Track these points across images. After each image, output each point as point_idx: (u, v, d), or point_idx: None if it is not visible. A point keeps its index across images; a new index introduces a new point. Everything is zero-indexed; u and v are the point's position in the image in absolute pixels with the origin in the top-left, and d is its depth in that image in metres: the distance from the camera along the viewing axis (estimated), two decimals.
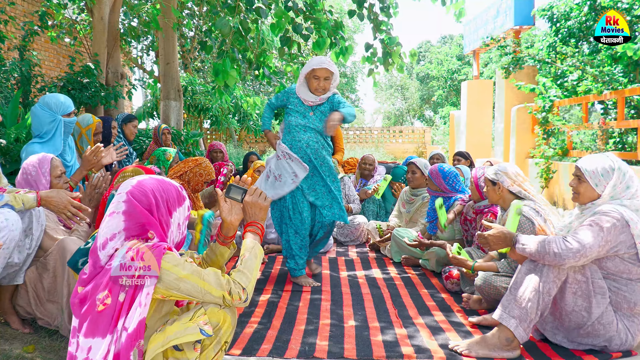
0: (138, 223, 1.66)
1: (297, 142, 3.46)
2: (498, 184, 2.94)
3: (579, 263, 2.22)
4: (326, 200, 3.54)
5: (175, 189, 1.77)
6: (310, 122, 3.46)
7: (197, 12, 10.96)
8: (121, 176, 2.74)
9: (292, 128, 3.48)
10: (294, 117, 3.48)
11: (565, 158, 7.67)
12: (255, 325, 2.72)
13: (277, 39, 6.20)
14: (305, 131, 3.46)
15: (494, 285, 2.76)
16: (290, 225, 3.54)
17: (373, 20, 5.87)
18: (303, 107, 3.48)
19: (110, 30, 6.60)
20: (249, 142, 17.97)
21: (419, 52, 28.19)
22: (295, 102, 3.50)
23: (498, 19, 10.68)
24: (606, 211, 2.26)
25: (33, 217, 2.39)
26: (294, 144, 3.46)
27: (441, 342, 2.51)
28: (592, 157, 2.43)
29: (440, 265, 3.75)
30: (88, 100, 5.67)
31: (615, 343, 2.32)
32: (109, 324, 1.57)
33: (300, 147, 3.45)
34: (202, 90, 11.58)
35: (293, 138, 3.47)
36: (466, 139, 11.74)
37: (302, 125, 3.46)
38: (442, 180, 3.87)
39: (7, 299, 2.50)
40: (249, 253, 1.79)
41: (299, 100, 3.49)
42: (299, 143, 3.45)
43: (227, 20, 4.80)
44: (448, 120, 17.59)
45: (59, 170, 2.71)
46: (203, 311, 1.66)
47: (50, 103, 3.30)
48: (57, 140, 3.31)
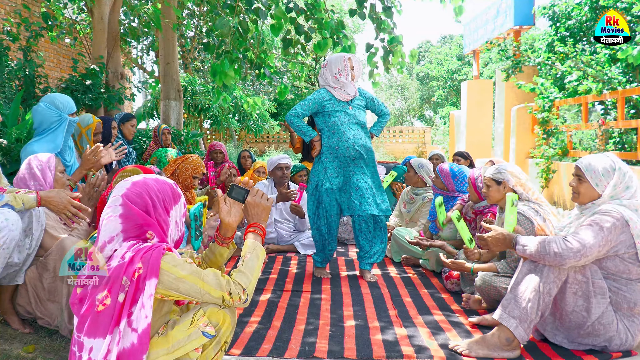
0: (135, 225, 1.66)
1: (344, 142, 3.50)
2: (503, 182, 2.93)
3: (579, 263, 2.22)
4: (369, 193, 3.54)
5: (170, 187, 1.77)
6: (353, 117, 3.54)
7: (197, 12, 10.97)
8: (120, 175, 2.74)
9: (337, 128, 3.52)
10: (337, 116, 3.53)
11: (565, 158, 7.67)
12: (255, 325, 2.72)
13: (278, 39, 6.20)
14: (351, 128, 3.52)
15: (493, 285, 2.76)
16: (316, 221, 3.67)
17: (375, 20, 5.86)
18: (341, 104, 3.55)
19: (110, 30, 6.60)
20: (249, 142, 17.98)
21: (419, 52, 28.18)
22: (331, 103, 3.55)
23: (498, 19, 10.67)
24: (606, 211, 2.26)
25: (33, 217, 2.39)
26: (341, 145, 3.51)
27: (441, 342, 2.51)
28: (593, 157, 2.42)
29: (440, 265, 3.75)
30: (91, 102, 5.69)
31: (615, 343, 2.32)
32: (108, 324, 1.57)
33: (347, 146, 3.50)
34: (202, 90, 11.58)
35: (339, 139, 3.51)
36: (466, 139, 11.73)
37: (347, 122, 3.52)
38: (451, 180, 3.87)
39: (7, 299, 2.50)
40: (250, 254, 1.79)
41: (334, 100, 3.55)
42: (346, 143, 3.50)
43: (227, 20, 4.80)
44: (448, 120, 17.59)
45: (61, 165, 2.73)
46: (202, 312, 1.66)
47: (57, 102, 3.30)
48: (58, 138, 3.31)
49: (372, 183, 3.60)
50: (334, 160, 3.57)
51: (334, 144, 3.53)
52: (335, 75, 3.53)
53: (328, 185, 3.56)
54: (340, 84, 3.54)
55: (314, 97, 3.58)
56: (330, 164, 3.57)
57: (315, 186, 3.64)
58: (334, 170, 3.57)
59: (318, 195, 3.64)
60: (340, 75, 3.52)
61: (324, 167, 3.59)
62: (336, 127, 3.52)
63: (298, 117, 3.58)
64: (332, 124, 3.53)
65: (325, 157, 3.59)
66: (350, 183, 3.55)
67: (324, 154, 3.60)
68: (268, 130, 14.49)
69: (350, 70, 3.54)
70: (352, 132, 3.51)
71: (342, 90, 3.56)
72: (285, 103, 20.52)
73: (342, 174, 3.58)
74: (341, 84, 3.54)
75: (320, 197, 3.62)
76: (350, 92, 3.56)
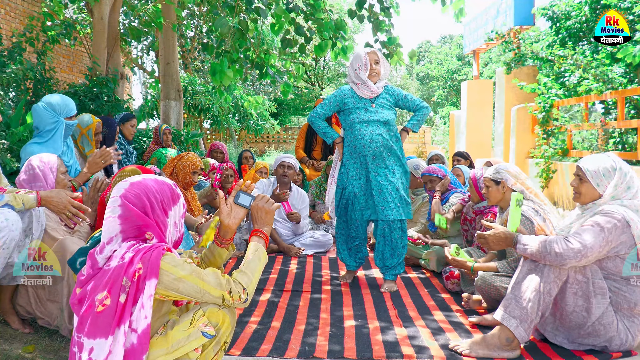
0: (134, 225, 1.66)
1: (360, 139, 3.38)
2: (502, 182, 2.93)
3: (580, 263, 2.22)
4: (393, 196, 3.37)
5: (169, 188, 1.77)
6: (374, 115, 3.38)
7: (197, 12, 10.96)
8: (119, 176, 2.74)
9: (354, 126, 3.40)
10: (356, 114, 3.40)
11: (565, 158, 7.67)
12: (255, 326, 2.72)
13: (278, 39, 6.20)
14: (368, 125, 3.37)
15: (493, 285, 2.76)
16: (345, 227, 3.56)
17: (373, 21, 5.86)
18: (363, 101, 3.42)
19: (110, 30, 6.60)
20: (249, 142, 17.98)
21: (419, 52, 28.19)
22: (353, 100, 3.43)
23: (498, 19, 10.67)
24: (607, 211, 2.26)
25: (33, 217, 2.38)
26: (357, 143, 3.39)
27: (441, 342, 2.50)
28: (594, 157, 2.42)
29: (440, 265, 3.75)
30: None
31: (615, 343, 2.32)
32: (110, 325, 1.56)
33: (364, 144, 3.37)
34: (202, 90, 11.57)
35: (355, 137, 3.40)
36: (466, 139, 11.73)
37: (365, 120, 3.38)
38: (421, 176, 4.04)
39: (7, 299, 2.50)
40: (252, 255, 1.80)
41: (356, 98, 3.43)
42: (362, 141, 3.37)
43: (227, 20, 4.80)
44: (448, 120, 17.59)
45: (63, 167, 2.73)
46: (202, 312, 1.66)
47: (54, 104, 3.30)
48: (57, 141, 3.31)
49: (399, 184, 3.40)
50: (354, 162, 3.43)
51: (351, 142, 3.42)
52: (357, 71, 3.41)
53: (350, 189, 3.44)
54: (362, 81, 3.41)
55: (335, 94, 3.49)
56: (352, 165, 3.45)
57: (342, 191, 3.51)
58: (355, 172, 3.44)
59: (345, 201, 3.50)
60: (360, 71, 3.39)
61: (347, 169, 3.47)
62: (354, 125, 3.40)
63: (319, 118, 3.50)
64: (351, 121, 3.42)
65: (346, 159, 3.48)
66: (373, 185, 3.39)
67: (345, 155, 3.49)
68: (268, 130, 14.49)
69: (371, 66, 3.38)
70: (370, 129, 3.36)
71: (364, 87, 3.41)
72: (285, 103, 20.53)
73: (363, 175, 3.42)
74: (362, 80, 3.41)
75: (347, 203, 3.49)
76: (373, 88, 3.40)
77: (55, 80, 5.90)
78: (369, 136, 3.36)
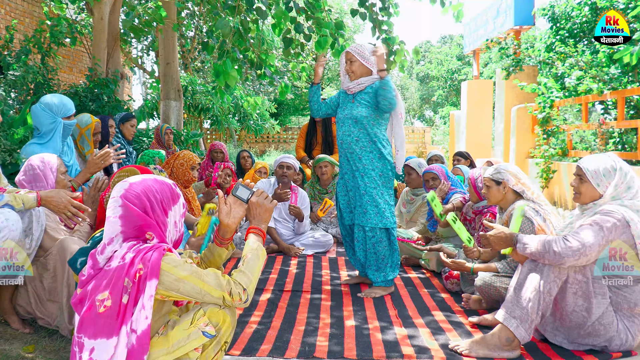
0: (135, 225, 1.66)
1: (339, 138, 3.35)
2: (503, 182, 2.91)
3: (579, 262, 2.22)
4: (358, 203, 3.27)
5: (169, 187, 1.77)
6: (349, 111, 3.29)
7: (197, 12, 10.96)
8: (117, 176, 2.74)
9: (337, 123, 3.40)
10: (339, 111, 3.40)
11: (565, 158, 7.67)
12: (255, 326, 2.72)
13: (278, 39, 6.20)
14: (343, 124, 3.30)
15: (493, 285, 2.76)
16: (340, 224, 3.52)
17: (374, 20, 5.86)
18: (347, 97, 3.39)
19: (110, 30, 6.60)
20: (249, 142, 17.97)
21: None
22: (343, 97, 3.43)
23: (498, 19, 10.67)
24: (607, 211, 2.26)
25: (33, 217, 2.39)
26: (337, 140, 3.38)
27: (441, 342, 2.50)
28: (594, 157, 2.42)
29: (440, 265, 3.75)
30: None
31: (615, 343, 2.32)
32: (113, 326, 1.56)
33: (337, 142, 3.38)
34: (202, 90, 11.57)
35: (337, 135, 3.39)
36: (466, 139, 11.73)
37: (341, 118, 3.34)
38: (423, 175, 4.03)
39: (7, 299, 2.50)
40: (251, 254, 1.78)
41: (344, 94, 3.42)
42: (338, 140, 3.36)
43: (228, 20, 4.80)
44: (448, 120, 17.59)
45: (63, 167, 2.73)
46: (202, 312, 1.66)
47: (52, 105, 3.30)
48: (56, 141, 3.31)
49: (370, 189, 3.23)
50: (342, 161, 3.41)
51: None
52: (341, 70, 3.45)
53: (339, 189, 3.45)
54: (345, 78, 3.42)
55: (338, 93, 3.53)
56: (341, 165, 3.42)
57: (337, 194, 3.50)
58: (341, 172, 3.41)
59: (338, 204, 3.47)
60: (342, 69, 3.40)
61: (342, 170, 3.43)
62: (337, 122, 3.41)
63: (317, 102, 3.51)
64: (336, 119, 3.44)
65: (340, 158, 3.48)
66: (349, 186, 3.34)
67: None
68: (268, 130, 14.48)
69: (346, 64, 3.31)
70: (343, 128, 3.29)
71: (346, 84, 3.39)
72: (285, 103, 20.50)
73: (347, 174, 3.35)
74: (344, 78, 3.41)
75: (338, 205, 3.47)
76: (349, 85, 3.33)
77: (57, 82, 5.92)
78: (341, 136, 3.33)
